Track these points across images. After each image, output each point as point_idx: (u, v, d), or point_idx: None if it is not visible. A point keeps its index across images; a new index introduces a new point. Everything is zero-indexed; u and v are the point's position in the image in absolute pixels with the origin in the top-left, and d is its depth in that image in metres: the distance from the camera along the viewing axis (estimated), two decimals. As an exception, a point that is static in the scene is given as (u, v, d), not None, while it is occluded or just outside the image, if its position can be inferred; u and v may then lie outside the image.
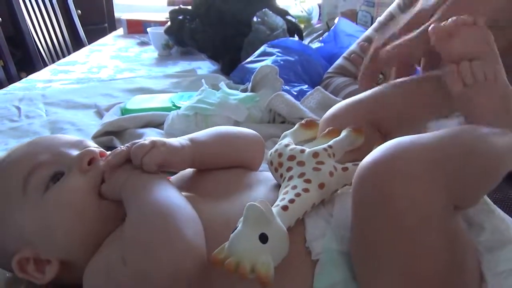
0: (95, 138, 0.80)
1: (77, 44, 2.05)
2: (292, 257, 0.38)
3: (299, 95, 0.89)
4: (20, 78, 1.37)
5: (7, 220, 0.44)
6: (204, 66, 1.37)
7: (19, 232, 0.43)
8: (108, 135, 0.81)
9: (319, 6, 1.78)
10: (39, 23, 1.88)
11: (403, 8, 0.94)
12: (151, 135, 0.79)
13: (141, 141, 0.44)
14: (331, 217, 0.40)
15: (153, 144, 0.44)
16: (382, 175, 0.34)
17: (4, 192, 0.44)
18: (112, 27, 2.61)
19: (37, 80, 1.28)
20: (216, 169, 0.50)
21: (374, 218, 0.34)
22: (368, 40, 0.96)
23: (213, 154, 0.50)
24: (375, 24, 0.99)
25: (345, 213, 0.39)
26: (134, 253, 0.35)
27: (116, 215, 0.43)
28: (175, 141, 0.47)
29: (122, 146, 0.46)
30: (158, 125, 0.86)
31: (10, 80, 1.56)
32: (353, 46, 0.99)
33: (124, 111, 0.92)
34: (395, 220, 0.33)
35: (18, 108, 1.00)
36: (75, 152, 0.46)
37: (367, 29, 1.05)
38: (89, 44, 1.87)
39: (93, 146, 0.49)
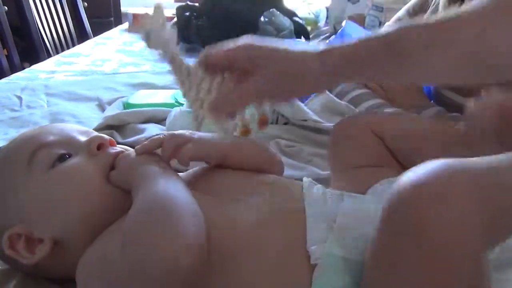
0: (95, 131, 0.79)
1: (82, 36, 2.04)
2: (291, 259, 0.38)
3: (303, 97, 0.88)
4: (23, 68, 1.36)
5: (7, 193, 0.44)
6: (209, 64, 1.36)
7: (17, 207, 0.43)
8: (109, 129, 0.80)
9: (327, 9, 1.77)
10: (45, 14, 1.87)
11: (412, 14, 0.93)
12: (152, 131, 0.78)
13: (180, 132, 0.45)
14: (334, 222, 0.40)
15: (190, 138, 0.44)
16: (423, 200, 0.30)
17: (9, 166, 0.45)
18: (118, 21, 2.60)
19: (40, 70, 1.27)
20: (227, 168, 0.50)
21: (404, 239, 0.31)
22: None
23: (244, 155, 0.50)
24: (382, 29, 0.98)
25: (349, 219, 0.39)
26: (134, 242, 0.34)
27: (120, 205, 0.43)
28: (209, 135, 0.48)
29: (160, 134, 0.47)
30: (160, 121, 0.85)
31: (13, 69, 1.56)
32: (360, 50, 0.98)
33: (127, 105, 0.91)
34: (426, 249, 0.30)
35: (20, 98, 0.99)
36: (83, 139, 0.47)
37: (374, 34, 1.04)
38: (94, 37, 1.87)
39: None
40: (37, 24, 1.78)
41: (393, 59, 0.43)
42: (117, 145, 0.49)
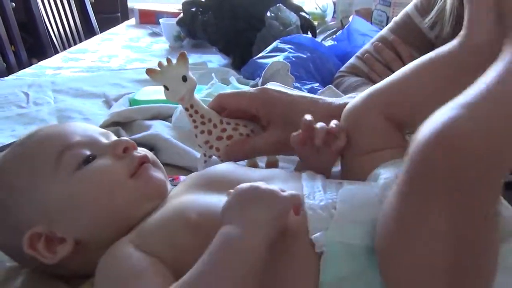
0: (102, 127, 0.79)
1: (89, 32, 2.04)
2: (296, 249, 0.38)
3: (310, 93, 0.88)
4: (31, 64, 1.37)
5: (32, 192, 0.43)
6: (215, 60, 1.35)
7: (42, 206, 0.43)
8: (116, 126, 0.80)
9: (334, 3, 1.76)
10: (52, 10, 1.88)
11: (420, 9, 0.92)
12: (158, 128, 0.78)
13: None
14: (334, 209, 0.40)
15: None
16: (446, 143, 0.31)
17: (34, 165, 0.45)
18: (125, 17, 2.60)
19: (47, 66, 1.27)
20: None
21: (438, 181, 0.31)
22: (383, 40, 0.94)
23: None
24: (390, 24, 0.97)
25: (349, 205, 0.39)
26: None
27: (142, 208, 0.44)
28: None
29: None
30: (166, 117, 0.85)
31: (21, 66, 1.57)
32: (367, 46, 0.97)
33: (133, 102, 0.91)
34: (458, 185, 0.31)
35: (27, 94, 1.00)
36: (105, 141, 0.48)
37: (381, 29, 1.03)
38: (100, 32, 1.87)
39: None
40: (44, 20, 1.78)
41: None
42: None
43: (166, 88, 0.51)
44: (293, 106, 0.54)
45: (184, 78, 0.50)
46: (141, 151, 0.49)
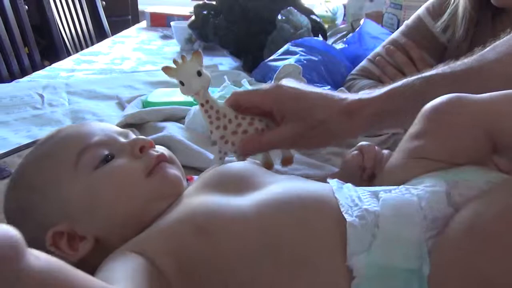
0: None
1: (101, 35, 2.07)
2: (326, 268, 0.35)
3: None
4: (44, 66, 1.38)
5: (52, 191, 0.44)
6: (226, 62, 1.37)
7: (62, 205, 0.44)
8: (129, 127, 0.81)
9: (344, 6, 1.76)
10: (65, 13, 1.90)
11: (432, 13, 0.92)
12: (171, 129, 0.79)
13: None
14: (377, 227, 0.36)
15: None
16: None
17: (55, 165, 0.45)
18: (136, 20, 2.63)
19: (61, 69, 1.29)
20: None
21: None
22: (395, 43, 0.94)
23: None
24: (402, 27, 0.97)
25: (392, 223, 0.36)
26: None
27: (158, 205, 0.44)
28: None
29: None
30: (179, 119, 0.86)
31: (34, 68, 1.59)
32: (378, 49, 0.98)
33: (146, 103, 0.93)
34: None
35: (42, 96, 1.01)
36: (123, 140, 0.49)
37: (392, 32, 1.04)
38: (112, 35, 1.89)
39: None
40: (57, 23, 1.81)
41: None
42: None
43: (181, 83, 0.52)
44: (305, 101, 0.55)
45: (199, 73, 0.51)
46: (159, 148, 0.50)
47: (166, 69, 0.52)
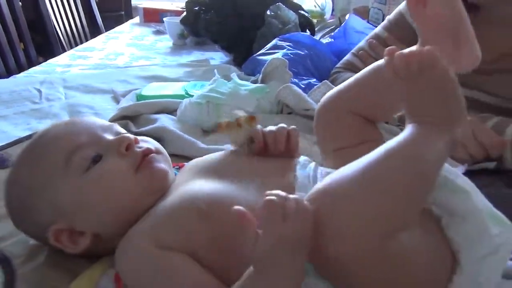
0: (112, 121, 0.84)
1: (95, 30, 2.09)
2: None
3: (307, 88, 0.93)
4: (39, 63, 1.42)
5: (47, 193, 0.48)
6: (217, 57, 1.41)
7: (58, 206, 0.48)
8: (124, 119, 0.85)
9: (333, 1, 1.80)
10: (59, 8, 1.92)
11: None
12: (164, 121, 0.83)
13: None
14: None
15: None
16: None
17: (46, 167, 0.48)
18: (129, 15, 2.65)
19: (56, 64, 1.33)
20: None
21: None
22: (377, 37, 0.99)
23: None
24: (384, 22, 1.01)
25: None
26: None
27: (146, 199, 0.48)
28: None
29: None
30: (172, 111, 0.90)
31: (30, 63, 1.61)
32: (361, 43, 1.02)
33: (140, 97, 0.97)
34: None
35: (39, 91, 1.05)
36: (109, 136, 0.51)
37: (377, 26, 1.08)
38: (105, 30, 1.92)
39: (123, 131, 0.53)
40: (51, 19, 1.83)
41: None
42: (136, 136, 0.53)
43: (233, 145, 0.54)
44: None
45: (251, 140, 0.53)
46: (144, 143, 0.52)
47: (220, 128, 0.53)
